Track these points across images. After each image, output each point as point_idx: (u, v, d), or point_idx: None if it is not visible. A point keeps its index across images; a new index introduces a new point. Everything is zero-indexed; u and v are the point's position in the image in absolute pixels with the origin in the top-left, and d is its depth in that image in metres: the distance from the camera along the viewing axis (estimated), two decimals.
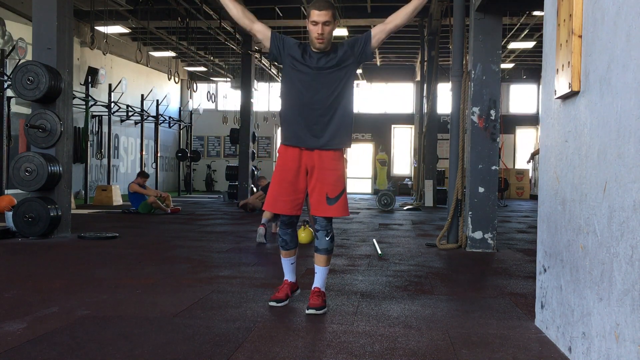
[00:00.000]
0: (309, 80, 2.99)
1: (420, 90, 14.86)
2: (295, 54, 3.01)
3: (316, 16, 2.89)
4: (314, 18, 2.90)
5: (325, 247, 3.10)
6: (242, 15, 3.05)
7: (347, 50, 3.02)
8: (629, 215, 1.82)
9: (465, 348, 2.50)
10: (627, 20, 1.88)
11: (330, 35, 2.96)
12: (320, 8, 2.88)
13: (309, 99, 2.99)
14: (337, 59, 2.99)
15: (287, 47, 3.04)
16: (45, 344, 2.42)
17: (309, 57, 2.99)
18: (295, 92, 3.03)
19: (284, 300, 3.15)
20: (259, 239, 5.83)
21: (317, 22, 2.90)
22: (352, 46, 3.04)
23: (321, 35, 2.91)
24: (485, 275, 4.35)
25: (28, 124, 5.95)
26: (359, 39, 3.06)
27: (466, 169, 5.74)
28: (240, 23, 3.07)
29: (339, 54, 3.01)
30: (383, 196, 11.23)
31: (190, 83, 16.66)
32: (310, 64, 2.98)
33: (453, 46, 6.09)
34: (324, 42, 2.94)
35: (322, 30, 2.90)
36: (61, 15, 6.11)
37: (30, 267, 4.38)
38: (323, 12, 2.88)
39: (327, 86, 2.99)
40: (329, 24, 2.91)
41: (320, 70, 2.98)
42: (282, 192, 3.04)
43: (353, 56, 3.04)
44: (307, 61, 2.99)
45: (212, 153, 20.30)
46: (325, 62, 2.98)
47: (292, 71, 3.03)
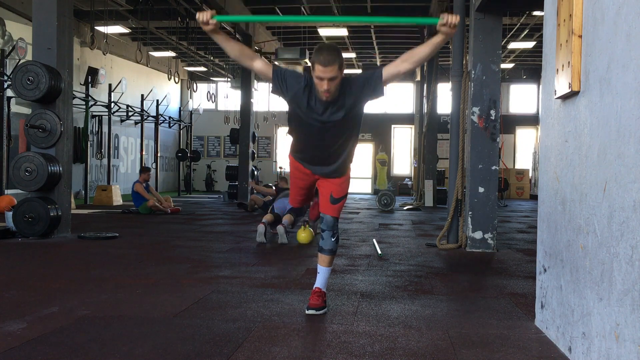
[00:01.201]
0: (314, 129, 2.87)
1: (420, 90, 14.87)
2: (299, 99, 2.81)
3: (321, 72, 2.64)
4: (319, 74, 2.65)
5: (330, 247, 3.11)
6: (241, 54, 2.84)
7: (356, 94, 2.81)
8: (629, 215, 1.82)
9: (465, 348, 2.50)
10: (627, 20, 1.88)
11: (338, 87, 2.73)
12: (325, 64, 2.62)
13: (316, 143, 2.95)
14: (344, 109, 2.80)
15: (290, 89, 2.82)
16: (45, 344, 2.42)
17: (314, 104, 2.79)
18: (301, 133, 2.97)
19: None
20: (258, 238, 5.83)
21: (322, 77, 2.66)
22: (362, 89, 2.81)
23: (327, 91, 2.70)
24: (485, 275, 4.35)
25: (28, 124, 5.95)
26: (369, 81, 2.81)
27: (466, 169, 5.74)
28: (240, 63, 2.92)
29: (347, 102, 2.80)
30: (383, 196, 11.23)
31: (190, 83, 16.66)
32: (316, 115, 2.81)
33: (453, 46, 6.09)
34: (331, 97, 2.74)
35: (328, 86, 2.67)
36: (61, 15, 6.11)
37: (30, 267, 4.38)
38: (329, 68, 2.62)
39: (334, 135, 2.89)
40: (336, 78, 2.67)
41: (325, 122, 2.83)
42: (298, 193, 3.33)
43: (362, 99, 2.85)
44: (312, 112, 2.81)
45: (212, 153, 20.30)
46: (332, 112, 2.80)
47: (298, 113, 2.87)
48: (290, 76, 2.84)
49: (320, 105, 2.80)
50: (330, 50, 2.68)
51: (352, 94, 2.81)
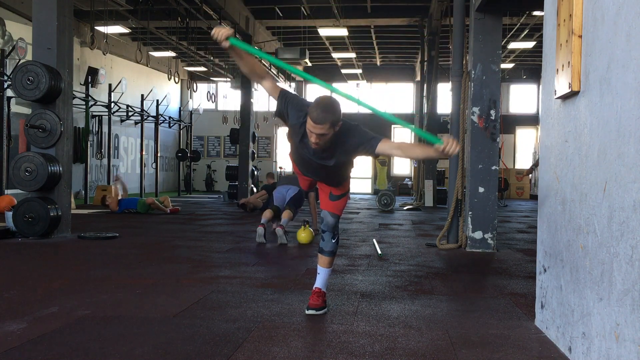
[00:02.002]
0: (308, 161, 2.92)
1: (420, 90, 14.86)
2: (295, 133, 2.84)
3: (311, 127, 2.65)
4: (310, 128, 2.66)
5: (331, 249, 3.12)
6: (251, 72, 2.86)
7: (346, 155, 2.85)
8: (629, 215, 1.82)
9: (465, 348, 2.50)
10: (627, 20, 1.88)
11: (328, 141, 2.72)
12: (316, 121, 2.61)
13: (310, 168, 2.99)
14: (335, 159, 2.84)
15: (290, 118, 2.82)
16: (45, 344, 2.42)
17: (307, 144, 2.81)
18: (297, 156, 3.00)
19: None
20: (258, 239, 5.83)
21: (312, 132, 2.67)
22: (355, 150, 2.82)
23: (317, 144, 2.71)
24: (485, 275, 4.35)
25: (28, 124, 5.95)
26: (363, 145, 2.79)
27: (466, 169, 5.74)
28: (250, 78, 2.99)
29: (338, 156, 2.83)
30: (383, 196, 11.23)
31: (190, 83, 16.66)
32: (307, 154, 2.86)
33: (453, 46, 6.09)
34: (320, 149, 2.76)
35: (317, 140, 2.68)
36: (61, 15, 6.11)
37: (30, 267, 4.38)
38: (319, 126, 2.62)
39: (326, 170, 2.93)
40: (325, 135, 2.67)
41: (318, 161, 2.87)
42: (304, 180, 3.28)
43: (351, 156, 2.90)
44: (304, 149, 2.85)
45: (212, 153, 20.30)
46: (322, 157, 2.84)
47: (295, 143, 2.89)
48: (293, 107, 2.81)
49: (312, 149, 2.80)
50: (326, 109, 2.63)
51: (343, 151, 2.81)
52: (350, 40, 14.91)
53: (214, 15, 11.51)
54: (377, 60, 18.10)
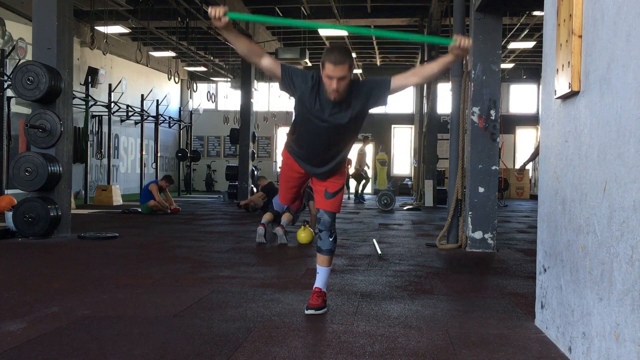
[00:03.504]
0: (319, 129, 2.89)
1: (420, 90, 14.86)
2: (306, 98, 2.82)
3: (331, 71, 2.65)
4: (329, 73, 2.66)
5: (329, 247, 3.11)
6: (249, 52, 2.83)
7: (362, 101, 2.84)
8: (629, 215, 1.82)
9: (465, 348, 2.50)
10: (627, 20, 1.88)
11: (346, 87, 2.74)
12: (336, 62, 2.63)
13: (315, 141, 2.96)
14: (350, 112, 2.83)
15: (298, 88, 2.82)
16: (45, 344, 2.42)
17: (320, 105, 2.80)
18: (304, 128, 2.97)
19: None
20: (258, 239, 5.83)
21: (332, 77, 2.66)
22: (369, 95, 2.84)
23: (336, 91, 2.70)
24: (485, 275, 4.35)
25: (28, 124, 5.95)
26: (377, 88, 2.84)
27: (466, 169, 5.74)
28: (248, 60, 2.94)
29: (354, 106, 2.82)
30: (383, 196, 11.23)
31: (190, 83, 16.65)
32: (321, 115, 2.82)
33: None
34: (339, 97, 2.75)
35: (338, 85, 2.68)
36: (61, 15, 6.11)
37: (30, 267, 4.38)
38: (339, 67, 2.63)
39: (335, 137, 2.92)
40: (345, 78, 2.68)
41: (331, 124, 2.84)
42: (289, 189, 3.31)
43: (367, 106, 2.87)
44: (318, 112, 2.82)
45: (212, 153, 20.29)
46: (338, 113, 2.82)
47: (304, 112, 2.88)
48: (298, 75, 2.83)
49: (327, 105, 2.80)
50: (341, 51, 2.70)
51: (359, 98, 2.83)
52: (350, 40, 14.91)
53: None
54: (377, 60, 18.09)
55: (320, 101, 2.81)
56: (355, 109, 2.84)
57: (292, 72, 2.84)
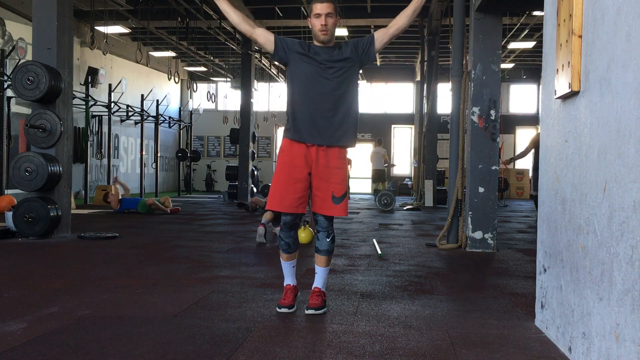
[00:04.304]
0: (314, 73, 3.00)
1: (420, 90, 14.85)
2: (300, 50, 3.04)
3: (319, 9, 2.95)
4: (317, 11, 2.95)
5: (327, 248, 3.10)
6: (243, 21, 3.06)
7: (351, 50, 3.06)
8: (629, 215, 1.82)
9: (465, 348, 2.50)
10: (627, 20, 1.88)
11: (334, 28, 3.00)
12: (322, 0, 2.95)
13: (315, 93, 2.97)
14: (341, 55, 3.03)
15: (291, 46, 3.06)
16: (45, 344, 2.42)
17: (314, 52, 3.02)
18: (301, 86, 3.02)
19: (293, 306, 3.05)
20: (258, 239, 5.83)
21: (320, 14, 2.94)
22: (356, 46, 3.07)
23: (325, 27, 2.95)
24: (485, 275, 4.35)
25: (28, 124, 5.95)
26: (362, 40, 3.10)
27: (466, 169, 5.74)
28: (241, 29, 3.09)
29: (343, 52, 3.05)
30: (383, 196, 11.23)
31: (190, 83, 16.65)
32: (315, 57, 3.01)
33: (453, 46, 6.09)
34: (328, 34, 2.98)
35: (326, 21, 2.94)
36: (61, 15, 6.11)
37: (30, 267, 4.38)
38: (325, 4, 2.94)
39: (332, 80, 3.00)
40: (332, 15, 2.96)
41: (325, 63, 3.00)
42: (290, 189, 2.96)
43: (357, 56, 3.07)
44: (312, 55, 3.02)
45: (212, 153, 20.30)
46: (329, 56, 3.01)
47: (299, 65, 3.03)
48: (290, 40, 3.10)
49: (320, 51, 3.01)
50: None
51: (347, 48, 3.06)
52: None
53: (214, 15, 11.52)
54: (377, 60, 18.09)
55: (314, 50, 3.03)
56: (346, 53, 3.03)
57: (284, 40, 3.09)
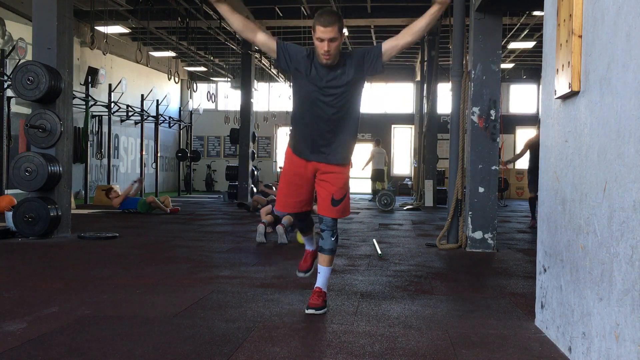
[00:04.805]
0: (314, 97, 2.91)
1: (420, 90, 14.86)
2: (301, 68, 2.89)
3: (321, 33, 2.75)
4: (320, 35, 2.76)
5: (330, 247, 3.11)
6: (244, 26, 2.92)
7: (355, 68, 2.90)
8: (629, 215, 1.82)
9: (465, 348, 2.50)
10: (627, 20, 1.88)
11: (338, 49, 2.83)
12: (325, 24, 2.73)
13: (315, 115, 2.95)
14: (345, 78, 2.88)
15: (294, 61, 2.91)
16: (45, 344, 2.42)
17: (316, 72, 2.87)
18: (302, 106, 2.99)
19: (310, 270, 3.35)
20: (259, 238, 5.83)
21: (322, 39, 2.76)
22: (362, 61, 2.91)
23: (328, 52, 2.78)
24: (485, 275, 4.35)
25: (28, 124, 5.95)
26: (369, 53, 2.92)
27: (466, 169, 5.74)
28: (243, 35, 2.97)
29: (347, 71, 2.88)
30: (383, 196, 11.23)
31: (190, 83, 16.65)
32: (317, 81, 2.88)
33: (453, 46, 6.09)
34: (331, 59, 2.83)
35: (329, 47, 2.76)
36: (61, 15, 6.11)
37: (30, 267, 4.38)
38: (329, 29, 2.72)
39: (333, 106, 2.92)
40: (336, 39, 2.77)
41: (327, 88, 2.88)
42: (291, 193, 3.13)
43: (362, 73, 2.93)
44: (314, 78, 2.88)
45: (212, 153, 20.30)
46: (332, 78, 2.87)
47: (300, 82, 2.94)
48: (293, 48, 2.94)
49: (323, 72, 2.88)
50: (331, 13, 2.81)
51: (353, 64, 2.90)
52: (350, 40, 14.91)
53: (214, 15, 11.52)
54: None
55: (316, 68, 2.88)
56: (350, 74, 2.89)
57: (287, 45, 2.95)
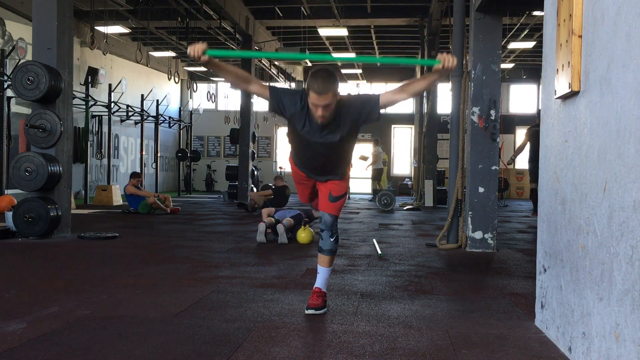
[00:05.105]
0: (312, 147, 2.93)
1: None
2: (296, 120, 2.85)
3: (315, 100, 2.67)
4: (314, 101, 2.69)
5: (330, 247, 3.12)
6: (237, 78, 2.88)
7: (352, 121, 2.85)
8: (629, 215, 1.82)
9: (465, 348, 2.50)
10: (627, 20, 1.88)
11: (333, 112, 2.76)
12: (320, 92, 2.64)
13: (311, 153, 3.00)
14: (341, 132, 2.85)
15: (287, 110, 2.85)
16: (45, 344, 2.42)
17: (310, 127, 2.83)
18: (298, 145, 3.02)
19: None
20: (259, 238, 5.82)
21: (317, 105, 2.69)
22: (358, 115, 2.85)
23: (323, 117, 2.73)
24: (485, 275, 4.35)
25: (28, 124, 5.95)
26: (366, 106, 2.84)
27: (466, 169, 5.74)
28: (238, 88, 3.00)
29: (342, 127, 2.84)
30: (383, 196, 11.23)
31: (190, 83, 16.64)
32: (311, 135, 2.86)
33: (453, 46, 6.09)
34: (326, 121, 2.77)
35: (324, 112, 2.71)
36: (61, 15, 6.11)
37: (30, 267, 4.38)
38: (323, 97, 2.65)
39: (330, 152, 2.94)
40: (330, 105, 2.70)
41: (319, 144, 2.89)
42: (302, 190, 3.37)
43: (357, 124, 2.89)
44: (307, 132, 2.85)
45: (212, 153, 20.29)
46: (327, 133, 2.84)
47: (294, 130, 2.91)
48: (286, 97, 2.85)
49: (317, 127, 2.83)
50: (325, 78, 2.67)
51: (348, 117, 2.84)
52: (350, 40, 14.92)
53: (214, 15, 11.52)
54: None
55: (310, 123, 2.83)
56: (345, 128, 2.86)
57: (280, 94, 2.85)
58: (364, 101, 2.86)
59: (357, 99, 2.89)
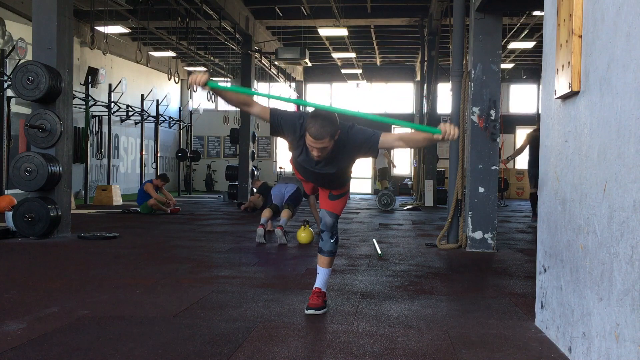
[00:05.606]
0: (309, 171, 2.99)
1: (420, 90, 14.85)
2: (294, 147, 2.90)
3: (312, 142, 2.69)
4: (310, 143, 2.71)
5: (330, 249, 3.12)
6: (238, 102, 2.90)
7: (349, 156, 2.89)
8: (629, 215, 1.82)
9: (465, 348, 2.50)
10: (627, 20, 1.88)
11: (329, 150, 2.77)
12: (316, 137, 2.66)
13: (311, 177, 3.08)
14: (337, 167, 2.90)
15: (287, 135, 2.90)
16: (45, 344, 2.42)
17: (306, 156, 2.87)
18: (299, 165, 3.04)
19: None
20: (258, 240, 5.82)
21: (313, 147, 2.72)
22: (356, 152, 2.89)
23: (319, 156, 2.77)
24: (485, 275, 4.35)
25: (28, 124, 5.95)
26: (365, 145, 2.86)
27: (466, 169, 5.74)
28: (241, 109, 3.04)
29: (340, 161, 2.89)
30: (383, 196, 11.23)
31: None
32: (307, 164, 2.92)
33: (453, 46, 6.09)
34: (322, 159, 2.81)
35: (319, 153, 2.74)
36: (61, 15, 6.11)
37: (30, 267, 4.38)
38: (319, 142, 2.68)
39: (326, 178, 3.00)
40: (326, 148, 2.72)
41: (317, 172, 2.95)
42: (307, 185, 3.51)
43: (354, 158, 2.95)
44: (305, 162, 2.91)
45: (212, 153, 20.29)
46: (324, 167, 2.89)
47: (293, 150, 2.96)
48: (286, 122, 2.85)
49: (313, 159, 2.84)
50: (323, 124, 2.66)
51: (346, 153, 2.86)
52: (350, 40, 14.91)
53: (214, 15, 11.51)
54: (377, 60, 18.09)
55: (306, 153, 2.85)
56: (342, 163, 2.89)
57: (281, 119, 2.85)
58: (363, 140, 2.85)
59: (356, 137, 2.85)
